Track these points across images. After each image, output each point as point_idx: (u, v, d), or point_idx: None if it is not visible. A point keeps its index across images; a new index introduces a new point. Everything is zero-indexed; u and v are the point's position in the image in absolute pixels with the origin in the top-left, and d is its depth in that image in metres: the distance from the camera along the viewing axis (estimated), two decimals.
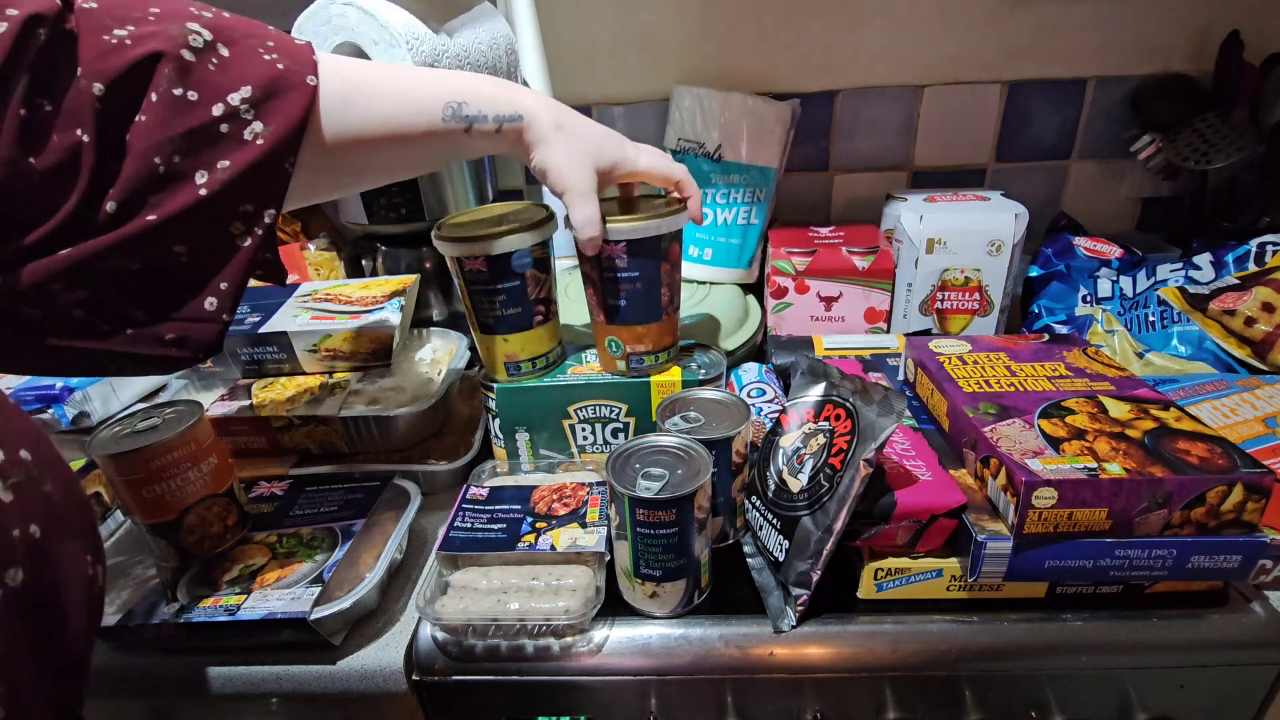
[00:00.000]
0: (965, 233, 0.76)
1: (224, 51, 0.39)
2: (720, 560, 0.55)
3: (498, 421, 0.64)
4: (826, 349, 0.75)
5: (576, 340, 0.69)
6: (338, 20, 0.63)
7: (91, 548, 0.31)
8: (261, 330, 0.71)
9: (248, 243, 0.40)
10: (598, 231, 0.53)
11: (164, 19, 0.37)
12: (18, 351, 0.37)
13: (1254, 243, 0.74)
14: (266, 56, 0.40)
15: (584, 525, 0.55)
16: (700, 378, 0.62)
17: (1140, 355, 0.70)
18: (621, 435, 0.64)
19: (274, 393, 0.71)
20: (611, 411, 0.62)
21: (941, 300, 0.79)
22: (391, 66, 0.49)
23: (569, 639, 0.51)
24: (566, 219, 0.54)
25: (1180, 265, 0.78)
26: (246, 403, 0.70)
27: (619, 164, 0.54)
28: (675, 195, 0.60)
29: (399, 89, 0.45)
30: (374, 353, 0.72)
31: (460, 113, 0.46)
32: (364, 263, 0.88)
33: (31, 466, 0.27)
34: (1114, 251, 0.83)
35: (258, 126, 0.39)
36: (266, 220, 0.41)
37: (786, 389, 0.69)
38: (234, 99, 0.38)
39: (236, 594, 0.51)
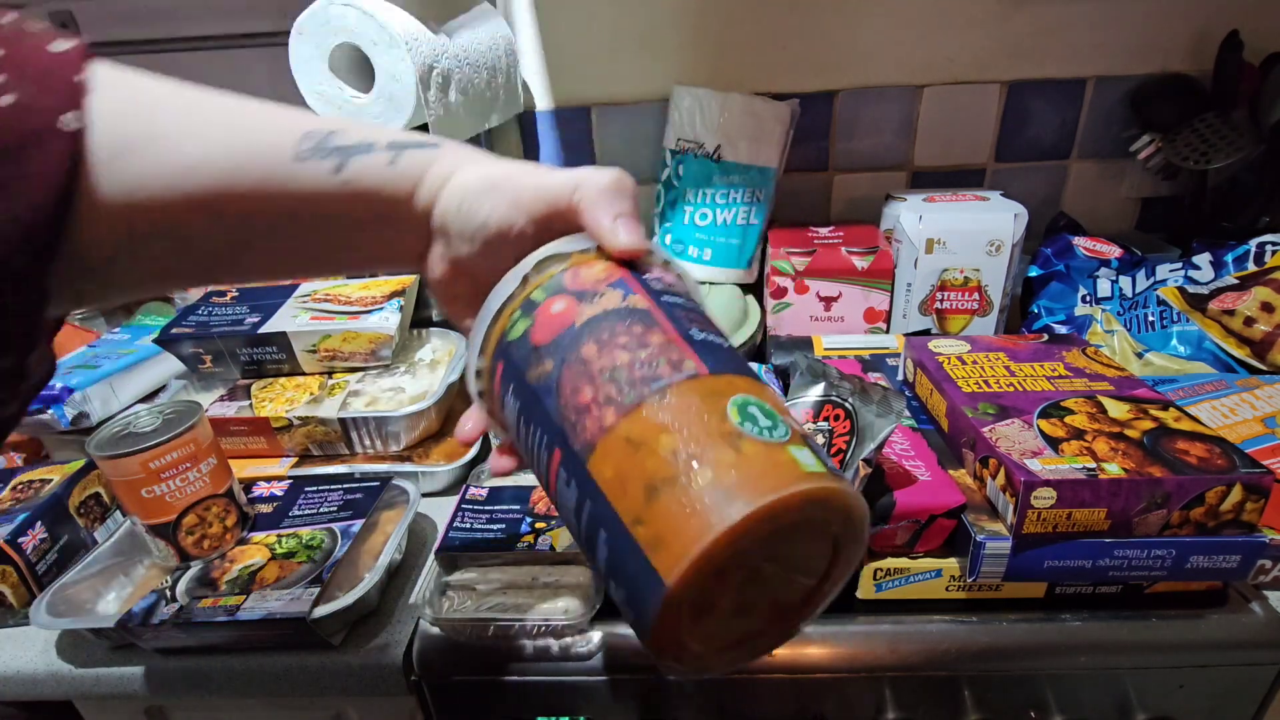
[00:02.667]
0: (965, 233, 0.76)
1: None
2: None
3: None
4: (826, 349, 0.75)
5: None
6: (337, 21, 0.63)
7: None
8: (261, 331, 0.71)
9: None
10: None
11: None
12: None
13: (1253, 243, 0.74)
14: None
15: None
16: None
17: (1139, 355, 0.70)
18: None
19: (273, 393, 0.71)
20: None
21: (941, 300, 0.79)
22: (213, 91, 0.29)
23: (568, 639, 0.51)
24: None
25: (1180, 265, 0.78)
26: (246, 403, 0.70)
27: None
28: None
29: (225, 115, 0.28)
30: (373, 353, 0.73)
31: (326, 143, 0.29)
32: None
33: None
34: (1113, 251, 0.83)
35: None
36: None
37: (786, 389, 0.69)
38: None
39: (236, 594, 0.51)
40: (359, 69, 0.67)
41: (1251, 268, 0.73)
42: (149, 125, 0.26)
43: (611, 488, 0.24)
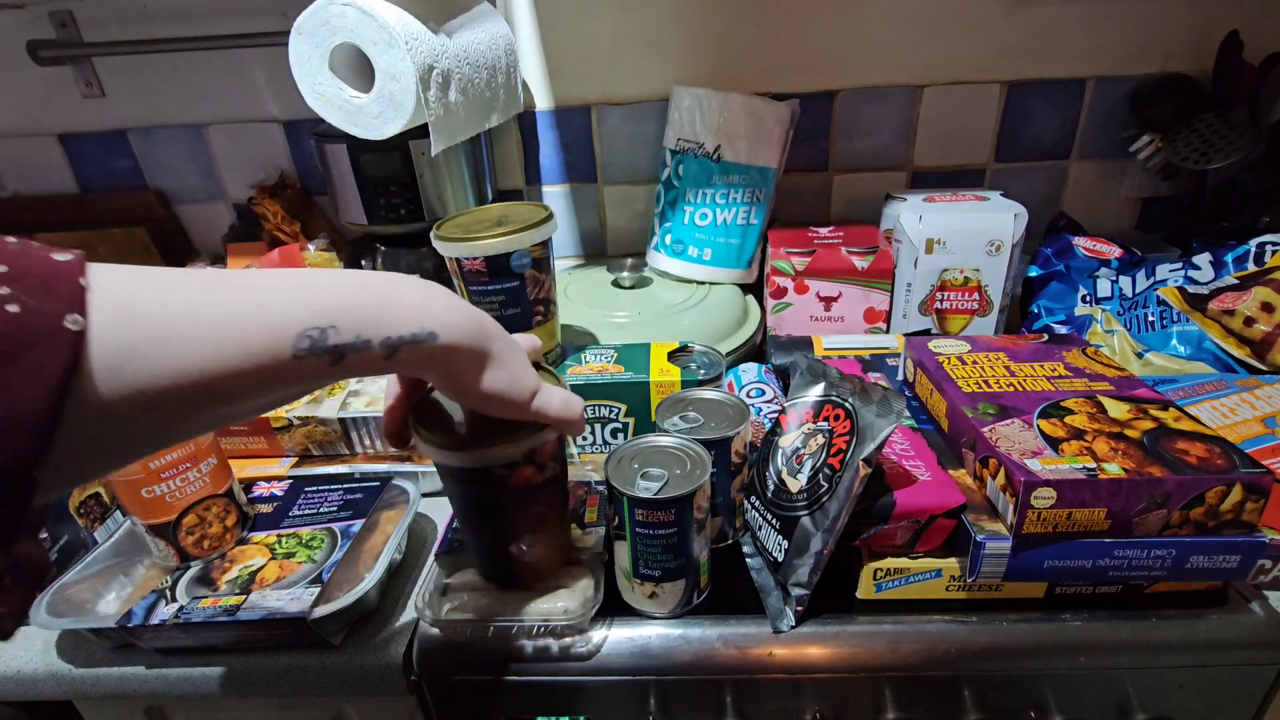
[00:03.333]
0: (964, 233, 0.76)
1: None
2: (719, 560, 0.55)
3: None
4: (826, 349, 0.75)
5: (576, 340, 0.70)
6: (336, 20, 0.63)
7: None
8: None
9: None
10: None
11: None
12: None
13: (1253, 243, 0.74)
14: None
15: (583, 525, 0.55)
16: (699, 378, 0.62)
17: (1139, 355, 0.70)
18: (620, 435, 0.64)
19: None
20: (611, 411, 0.62)
21: (941, 300, 0.79)
22: (212, 275, 0.30)
23: (568, 639, 0.51)
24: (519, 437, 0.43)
25: (1179, 265, 0.78)
26: None
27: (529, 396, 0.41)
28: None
29: (221, 316, 0.28)
30: None
31: (323, 342, 0.30)
32: (364, 263, 0.88)
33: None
34: (1113, 251, 0.83)
35: None
36: None
37: (786, 389, 0.69)
38: None
39: (236, 594, 0.51)
40: (359, 69, 0.67)
41: (1251, 268, 0.73)
42: (148, 331, 0.26)
43: None
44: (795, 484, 0.51)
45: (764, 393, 0.69)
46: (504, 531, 0.48)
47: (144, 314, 0.27)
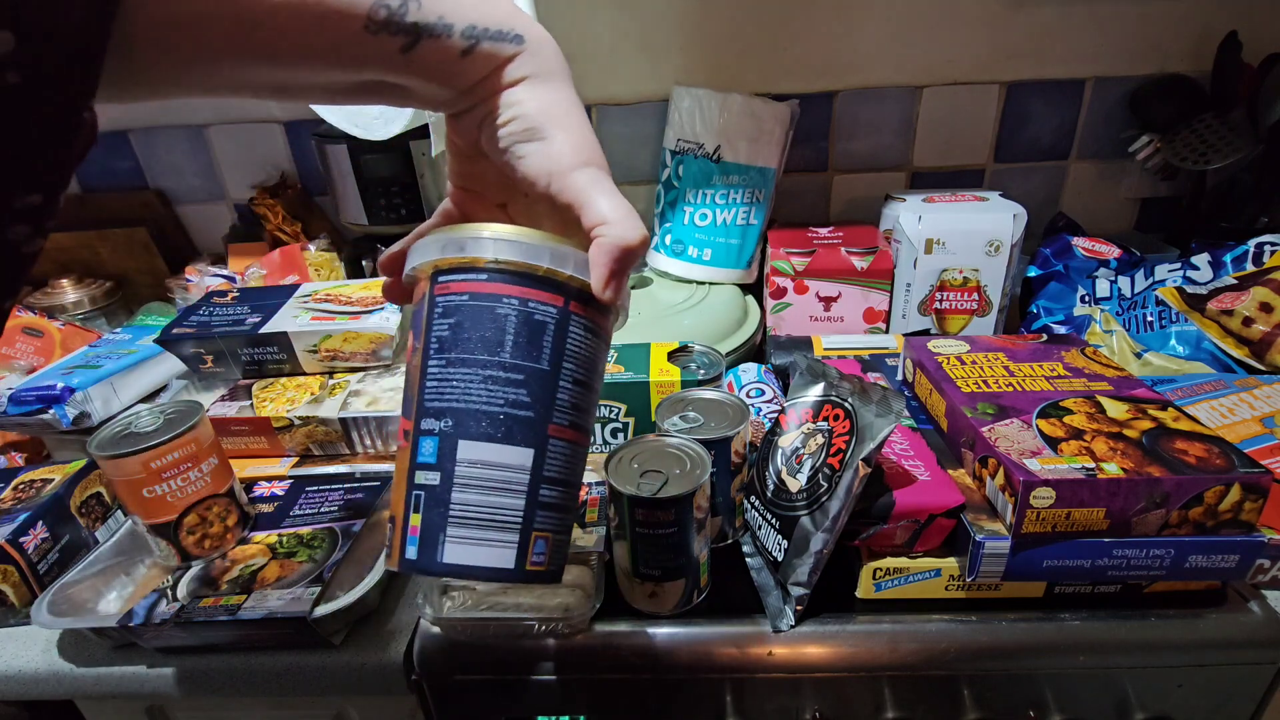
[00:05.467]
0: (964, 233, 0.76)
1: None
2: (719, 560, 0.56)
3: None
4: (825, 349, 0.75)
5: None
6: None
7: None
8: (262, 331, 0.71)
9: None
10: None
11: None
12: None
13: (1252, 243, 0.74)
14: None
15: (583, 525, 0.55)
16: (699, 378, 0.62)
17: (1138, 355, 0.71)
18: (621, 435, 0.64)
19: (274, 393, 0.71)
20: (611, 411, 0.63)
21: (940, 300, 0.79)
22: None
23: (568, 639, 0.51)
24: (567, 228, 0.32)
25: (1178, 265, 0.78)
26: (247, 403, 0.70)
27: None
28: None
29: None
30: (374, 353, 0.73)
31: (402, 14, 0.26)
32: (364, 263, 0.88)
33: None
34: (1112, 252, 0.84)
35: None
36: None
37: (785, 389, 0.69)
38: None
39: (236, 594, 0.51)
40: None
41: (1250, 268, 0.73)
42: None
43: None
44: (795, 484, 0.51)
45: (764, 393, 0.70)
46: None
47: None
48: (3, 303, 0.22)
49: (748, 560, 0.56)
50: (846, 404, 0.51)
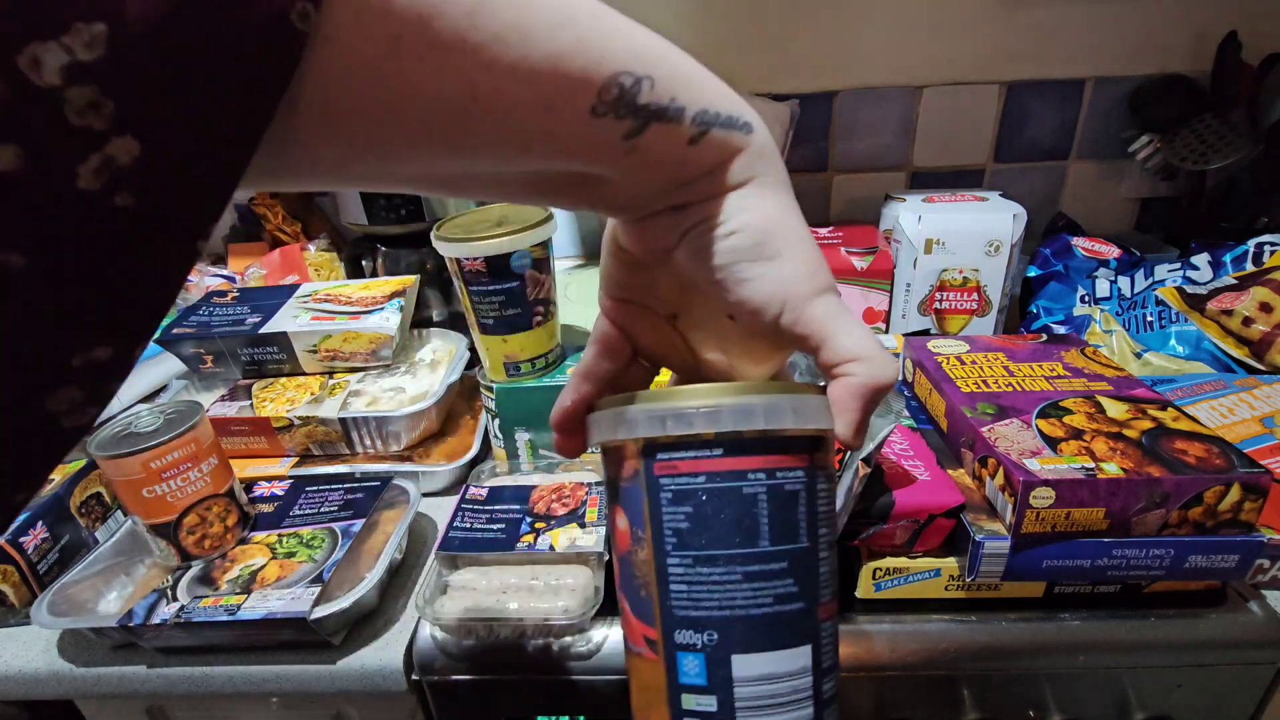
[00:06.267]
0: (964, 233, 0.76)
1: None
2: None
3: (497, 421, 0.64)
4: None
5: (576, 341, 0.70)
6: None
7: None
8: (261, 331, 0.71)
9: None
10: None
11: None
12: None
13: (1251, 243, 0.74)
14: None
15: (583, 525, 0.55)
16: None
17: (1138, 355, 0.71)
18: None
19: (274, 393, 0.71)
20: None
21: (940, 300, 0.79)
22: None
23: (568, 639, 0.51)
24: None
25: (1178, 265, 0.78)
26: (247, 403, 0.70)
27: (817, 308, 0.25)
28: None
29: (524, 20, 0.19)
30: (374, 353, 0.73)
31: (634, 94, 0.21)
32: (364, 263, 0.88)
33: None
34: (1112, 252, 0.84)
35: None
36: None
37: None
38: None
39: (236, 594, 0.51)
40: None
41: (1250, 268, 0.73)
42: (426, 24, 0.18)
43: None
44: None
45: None
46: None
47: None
48: (14, 495, 0.16)
49: None
50: None
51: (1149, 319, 0.75)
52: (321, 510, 0.60)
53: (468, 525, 0.56)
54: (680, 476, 0.24)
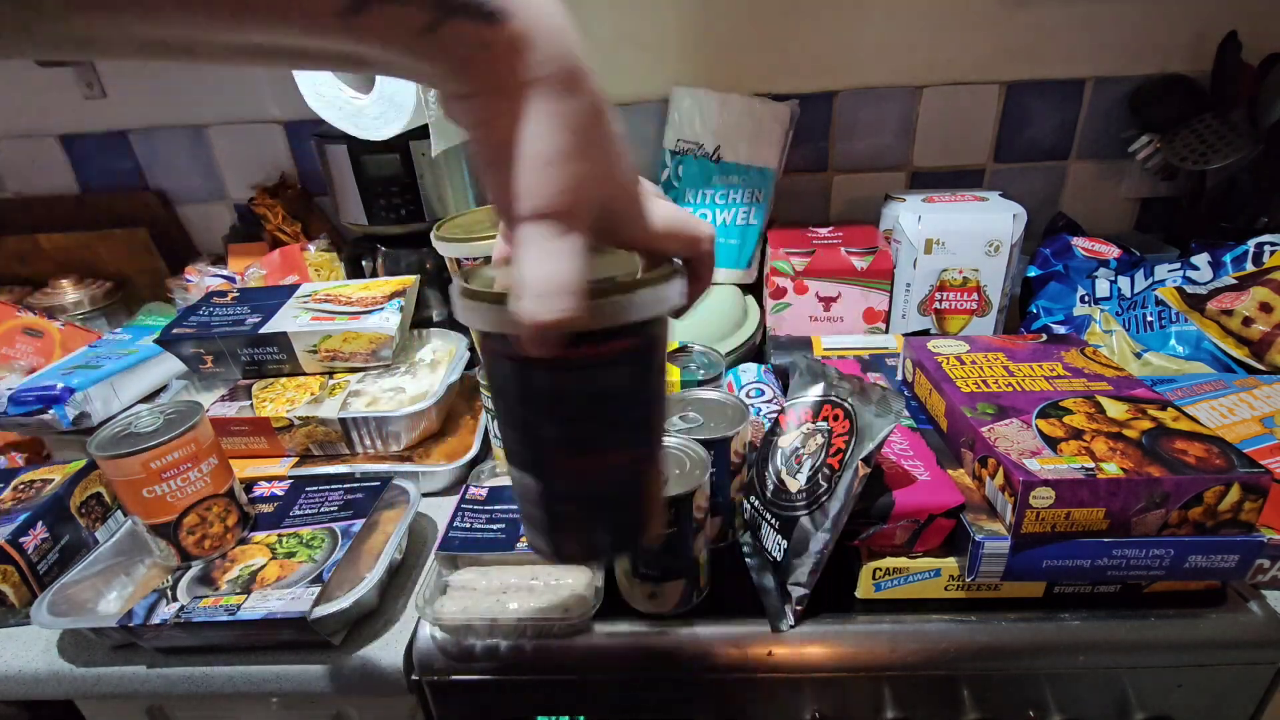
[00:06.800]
0: (963, 233, 0.76)
1: None
2: (719, 560, 0.56)
3: (498, 422, 0.64)
4: (825, 349, 0.75)
5: None
6: None
7: None
8: (261, 331, 0.71)
9: None
10: (573, 306, 0.24)
11: None
12: None
13: (1251, 243, 0.74)
14: None
15: None
16: (699, 378, 0.62)
17: (1138, 355, 0.71)
18: None
19: (274, 393, 0.71)
20: None
21: (940, 300, 0.79)
22: None
23: (568, 639, 0.51)
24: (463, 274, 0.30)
25: (1178, 265, 0.78)
26: (247, 403, 0.70)
27: (629, 217, 0.28)
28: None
29: None
30: (374, 353, 0.73)
31: None
32: (364, 263, 0.88)
33: None
34: (1112, 252, 0.84)
35: None
36: None
37: (785, 389, 0.69)
38: None
39: (236, 594, 0.51)
40: None
41: (1250, 268, 0.73)
42: None
43: None
44: (794, 484, 0.51)
45: (763, 393, 0.70)
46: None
47: None
48: None
49: (747, 560, 0.56)
50: (846, 404, 0.51)
51: (1149, 319, 0.75)
52: (321, 510, 0.60)
53: (468, 525, 0.56)
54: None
